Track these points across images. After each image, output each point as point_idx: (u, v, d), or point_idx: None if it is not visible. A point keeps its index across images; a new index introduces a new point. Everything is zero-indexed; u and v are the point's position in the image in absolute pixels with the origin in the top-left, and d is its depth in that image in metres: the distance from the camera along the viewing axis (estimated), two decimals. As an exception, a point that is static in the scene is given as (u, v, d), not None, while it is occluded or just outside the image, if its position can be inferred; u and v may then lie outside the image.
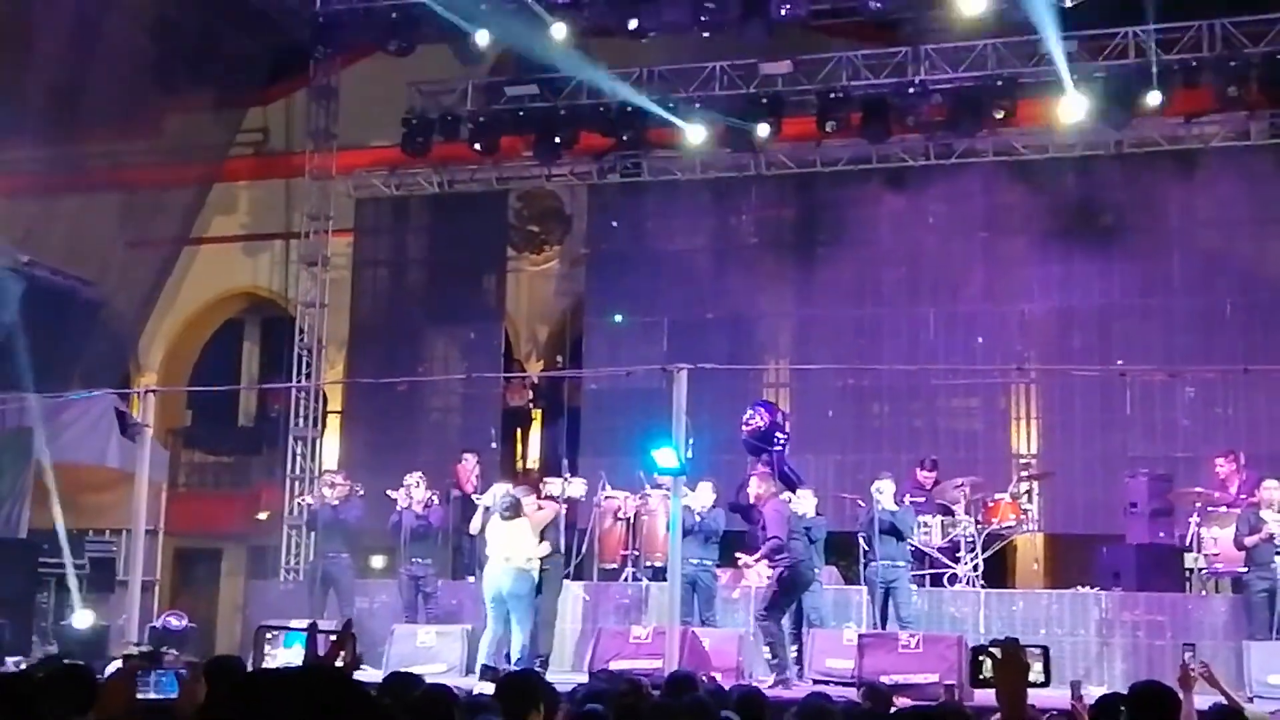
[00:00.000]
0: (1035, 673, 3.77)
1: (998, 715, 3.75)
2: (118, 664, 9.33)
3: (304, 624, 3.29)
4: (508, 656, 12.42)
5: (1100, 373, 15.18)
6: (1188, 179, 16.26)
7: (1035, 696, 3.80)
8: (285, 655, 3.63)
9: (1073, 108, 15.47)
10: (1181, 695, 6.30)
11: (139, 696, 4.92)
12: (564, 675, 12.18)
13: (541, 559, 12.86)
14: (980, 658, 3.78)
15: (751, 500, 12.94)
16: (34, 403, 14.68)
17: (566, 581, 14.03)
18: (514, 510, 12.68)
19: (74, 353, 16.34)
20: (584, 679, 11.26)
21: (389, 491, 14.46)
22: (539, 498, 13.79)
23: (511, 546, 12.59)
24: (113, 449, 15.92)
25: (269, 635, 3.80)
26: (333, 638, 3.17)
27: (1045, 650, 3.92)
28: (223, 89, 19.55)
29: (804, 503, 13.15)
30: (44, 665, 6.28)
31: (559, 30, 16.40)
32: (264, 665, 3.76)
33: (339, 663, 3.12)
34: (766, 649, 12.36)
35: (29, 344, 15.47)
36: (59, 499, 15.15)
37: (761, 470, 13.30)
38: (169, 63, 18.39)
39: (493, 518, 12.82)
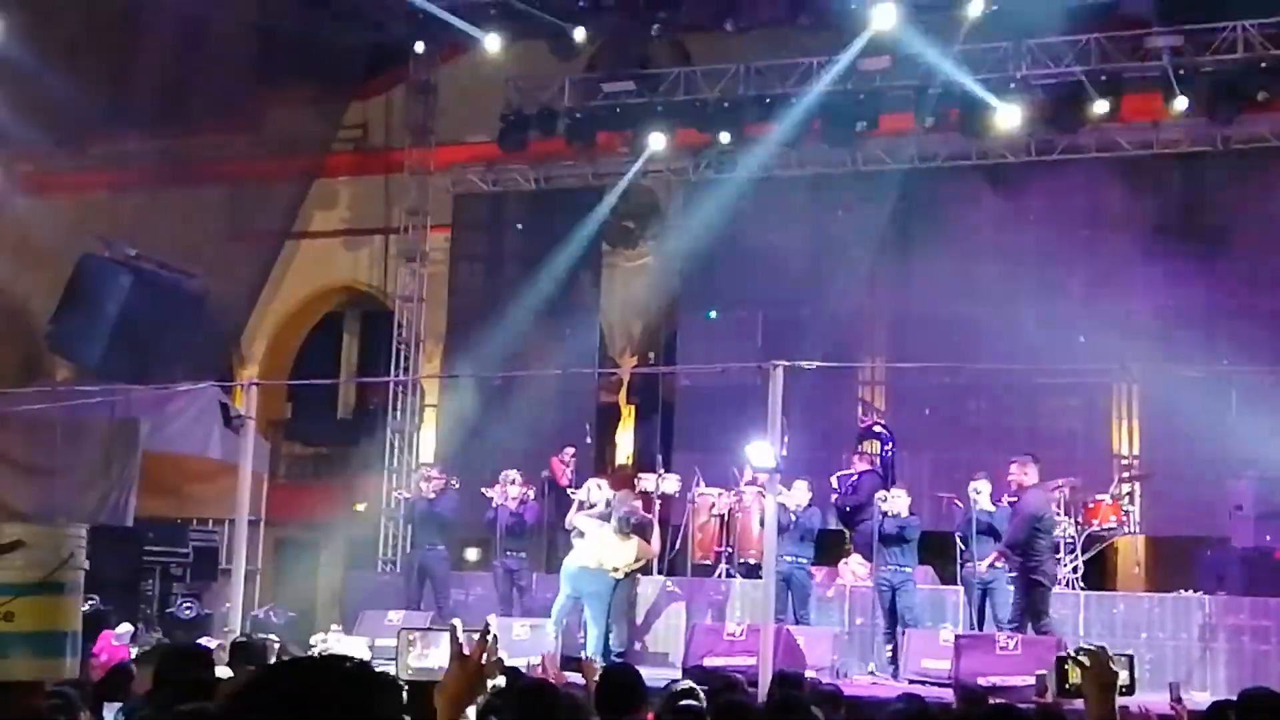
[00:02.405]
0: (1121, 680, 3.68)
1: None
2: (216, 641, 9.52)
3: (445, 626, 3.36)
4: (583, 646, 12.66)
5: (1205, 373, 14.89)
6: (1296, 175, 15.89)
7: (1125, 699, 3.71)
8: (436, 656, 3.67)
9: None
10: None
11: None
12: (655, 671, 12.22)
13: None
14: (1066, 666, 3.69)
15: (1014, 488, 12.61)
16: (140, 395, 14.99)
17: (648, 578, 14.17)
18: (629, 530, 13.00)
19: (179, 345, 16.64)
20: (675, 674, 11.28)
21: (484, 490, 14.59)
22: (635, 494, 13.91)
23: (614, 557, 12.86)
24: (215, 440, 16.22)
25: (410, 638, 3.85)
26: (474, 637, 3.23)
27: (1130, 658, 3.82)
28: (323, 85, 19.83)
29: (898, 501, 13.08)
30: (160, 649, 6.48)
31: (655, 27, 16.45)
32: (411, 668, 3.82)
33: (483, 660, 3.18)
34: None
35: (135, 336, 15.81)
36: (163, 489, 15.51)
37: (1024, 457, 13.02)
38: (271, 59, 18.68)
39: (598, 524, 13.05)
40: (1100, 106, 15.59)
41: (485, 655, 3.18)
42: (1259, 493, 13.85)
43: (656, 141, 17.30)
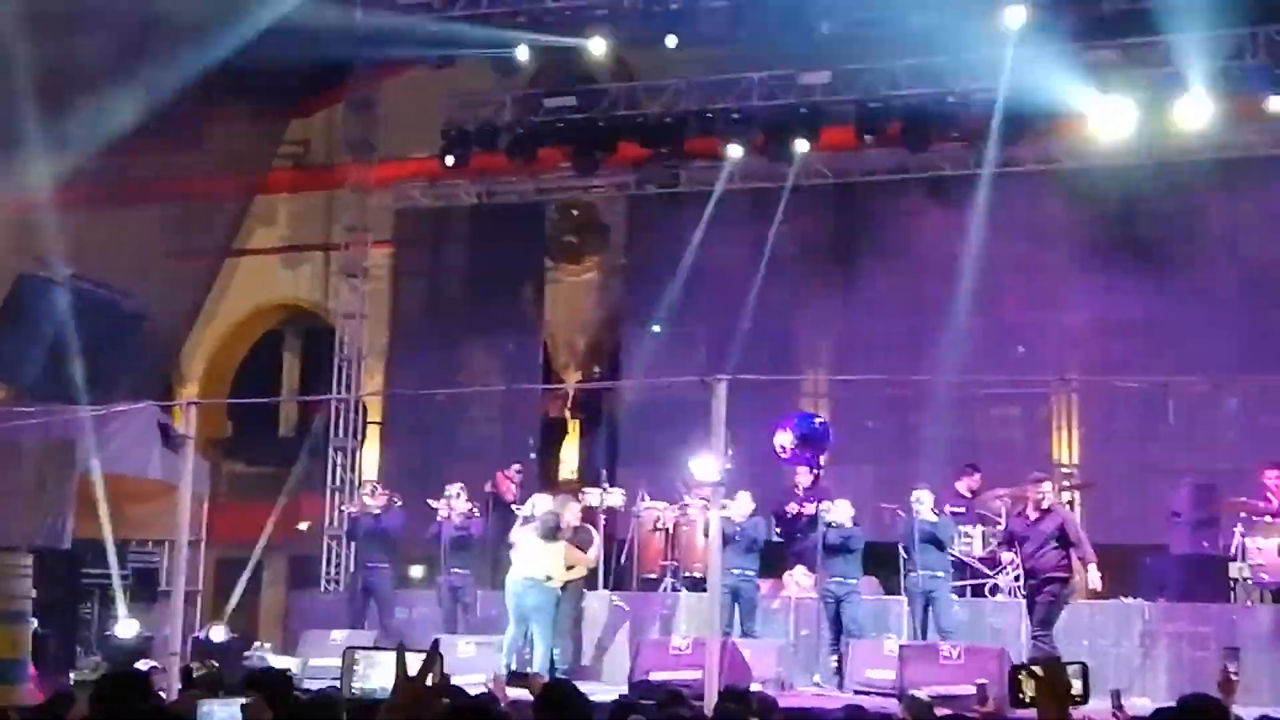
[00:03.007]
0: (1074, 690, 3.71)
1: None
2: (152, 663, 9.39)
3: (392, 645, 3.31)
4: (529, 662, 12.58)
5: (1142, 383, 15.07)
6: (1231, 187, 16.12)
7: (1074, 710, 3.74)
8: (380, 676, 3.65)
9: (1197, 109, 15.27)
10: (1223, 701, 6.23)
11: None
12: (602, 686, 12.21)
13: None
14: (1020, 677, 3.71)
15: (1044, 507, 12.43)
16: (79, 415, 14.80)
17: (594, 593, 14.14)
18: (553, 534, 12.88)
19: (118, 364, 16.46)
20: (622, 689, 11.27)
21: (430, 500, 14.52)
22: (579, 510, 13.83)
23: (544, 565, 12.77)
24: (155, 460, 15.99)
25: (354, 658, 3.79)
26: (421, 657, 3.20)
27: (1084, 666, 3.85)
28: (264, 101, 19.69)
29: (841, 512, 13.12)
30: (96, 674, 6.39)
31: (597, 44, 16.49)
32: (354, 688, 3.78)
33: (429, 682, 3.15)
34: None
35: (73, 356, 15.61)
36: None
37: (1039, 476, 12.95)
38: (211, 75, 18.52)
39: (528, 532, 12.97)
40: (1036, 120, 15.77)
41: (431, 677, 3.16)
42: (1196, 499, 14.03)
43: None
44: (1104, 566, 15.97)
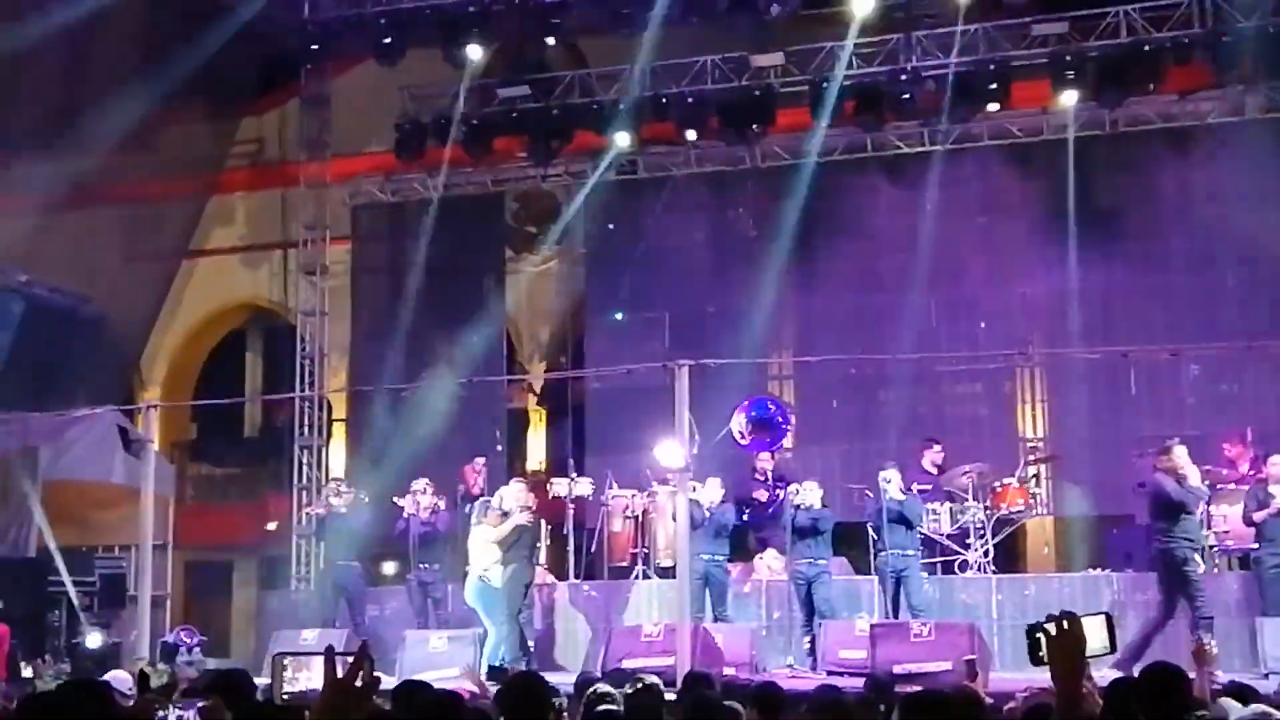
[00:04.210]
0: (1100, 641, 3.66)
1: (1023, 693, 3.66)
2: (119, 673, 9.30)
3: (321, 649, 3.28)
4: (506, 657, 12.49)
5: (1103, 354, 15.14)
6: (1184, 156, 16.21)
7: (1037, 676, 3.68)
8: (307, 680, 3.64)
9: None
10: (1196, 671, 6.27)
11: None
12: (574, 677, 12.17)
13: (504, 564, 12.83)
14: (1036, 635, 3.68)
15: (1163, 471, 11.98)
16: (37, 422, 14.68)
17: (565, 583, 14.12)
18: (478, 521, 12.94)
19: (77, 370, 16.34)
20: (595, 678, 11.25)
21: (395, 499, 14.46)
22: (528, 496, 13.55)
23: (472, 553, 12.80)
24: (118, 465, 15.93)
25: (284, 662, 3.77)
26: (349, 658, 3.17)
27: (1108, 616, 3.70)
28: (216, 101, 19.54)
29: (810, 494, 13.13)
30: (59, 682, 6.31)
31: (549, 35, 16.45)
32: (285, 692, 3.76)
33: (358, 683, 3.12)
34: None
35: (31, 363, 15.48)
36: (66, 517, 15.20)
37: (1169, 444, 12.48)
38: (163, 76, 18.38)
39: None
40: (991, 95, 15.82)
41: (360, 678, 3.13)
42: (1160, 468, 14.06)
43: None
44: (1071, 538, 16.19)
